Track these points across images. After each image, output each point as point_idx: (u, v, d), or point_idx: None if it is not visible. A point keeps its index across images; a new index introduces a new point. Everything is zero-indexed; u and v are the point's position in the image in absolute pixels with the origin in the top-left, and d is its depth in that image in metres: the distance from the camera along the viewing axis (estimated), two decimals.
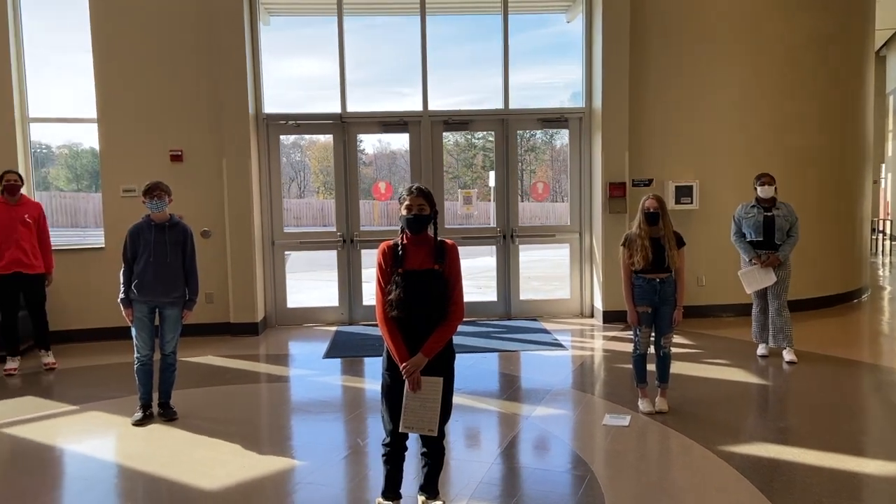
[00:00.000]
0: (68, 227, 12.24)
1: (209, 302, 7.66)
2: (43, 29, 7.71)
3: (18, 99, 7.43)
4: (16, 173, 6.43)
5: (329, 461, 4.20)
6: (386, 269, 3.18)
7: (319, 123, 8.28)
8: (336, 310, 8.37)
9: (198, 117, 7.65)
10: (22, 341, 6.64)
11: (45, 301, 6.54)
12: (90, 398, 5.54)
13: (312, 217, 25.56)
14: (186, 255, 4.98)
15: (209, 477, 3.97)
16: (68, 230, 11.63)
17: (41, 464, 4.29)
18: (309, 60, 9.14)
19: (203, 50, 7.60)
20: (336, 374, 6.25)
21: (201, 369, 6.40)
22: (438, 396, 3.12)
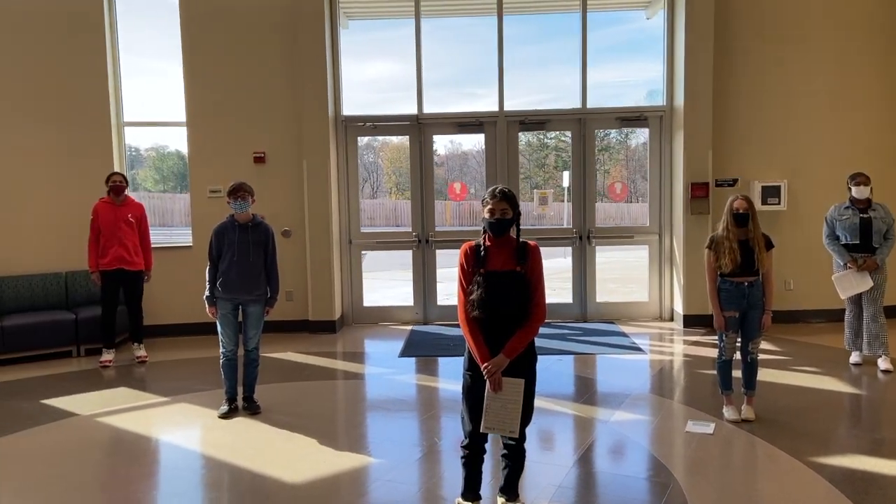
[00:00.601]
0: (156, 226, 12.79)
1: (289, 300, 7.87)
2: (136, 36, 8.09)
3: (114, 104, 7.82)
4: (121, 175, 6.78)
5: (405, 459, 4.23)
6: (468, 270, 3.18)
7: (396, 125, 8.37)
8: (411, 309, 8.44)
9: (280, 120, 7.87)
10: (117, 335, 6.98)
11: (142, 297, 6.86)
12: (179, 391, 5.77)
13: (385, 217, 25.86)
14: (268, 254, 5.12)
15: (292, 470, 4.07)
16: (156, 229, 12.13)
17: (136, 452, 4.50)
18: (384, 63, 9.27)
19: (286, 54, 7.81)
20: (411, 372, 6.30)
21: (282, 365, 6.57)
22: (520, 398, 3.10)
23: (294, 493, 3.78)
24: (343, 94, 8.16)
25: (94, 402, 5.50)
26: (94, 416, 5.14)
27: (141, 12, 8.13)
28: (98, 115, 7.68)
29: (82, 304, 7.47)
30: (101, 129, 7.71)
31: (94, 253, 6.64)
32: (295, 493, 3.78)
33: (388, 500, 3.67)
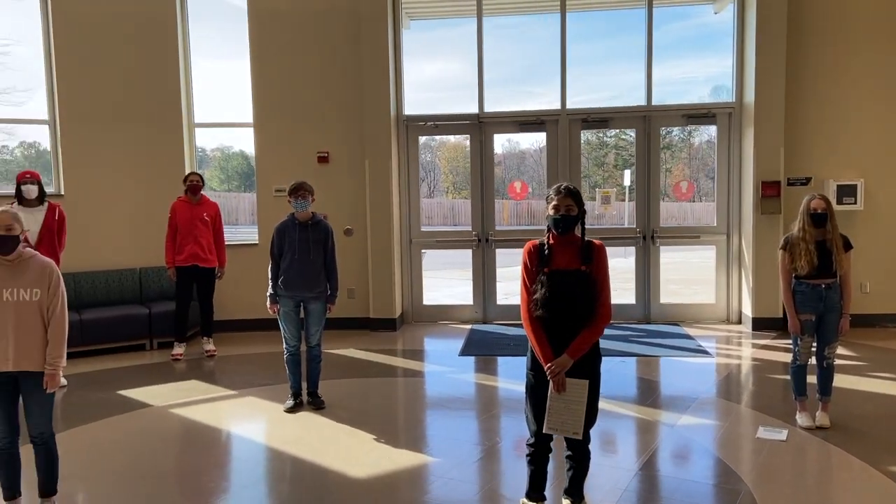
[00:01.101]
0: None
1: (351, 297, 7.98)
2: (204, 37, 8.35)
3: (186, 106, 8.08)
4: (198, 175, 7.01)
5: (466, 458, 4.23)
6: (531, 269, 3.16)
7: (456, 124, 8.38)
8: (470, 308, 8.44)
9: (343, 120, 7.99)
10: (188, 329, 7.21)
11: (213, 293, 7.07)
12: (246, 384, 5.92)
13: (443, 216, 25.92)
14: (328, 251, 5.19)
15: (356, 465, 4.12)
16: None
17: (207, 443, 4.64)
18: (444, 62, 9.30)
19: (349, 55, 7.92)
20: (471, 371, 6.30)
21: (344, 361, 6.66)
22: (584, 399, 3.06)
23: (357, 488, 3.83)
24: (405, 94, 8.22)
25: (167, 393, 5.70)
26: (167, 408, 5.33)
27: (210, 14, 8.38)
28: (171, 116, 7.95)
29: (155, 299, 7.75)
30: (174, 130, 7.97)
31: (170, 249, 6.88)
32: (357, 488, 3.83)
33: (450, 499, 3.68)
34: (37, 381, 3.26)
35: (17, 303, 3.21)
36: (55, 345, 3.28)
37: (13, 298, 3.21)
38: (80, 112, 7.69)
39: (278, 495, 3.86)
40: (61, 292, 3.32)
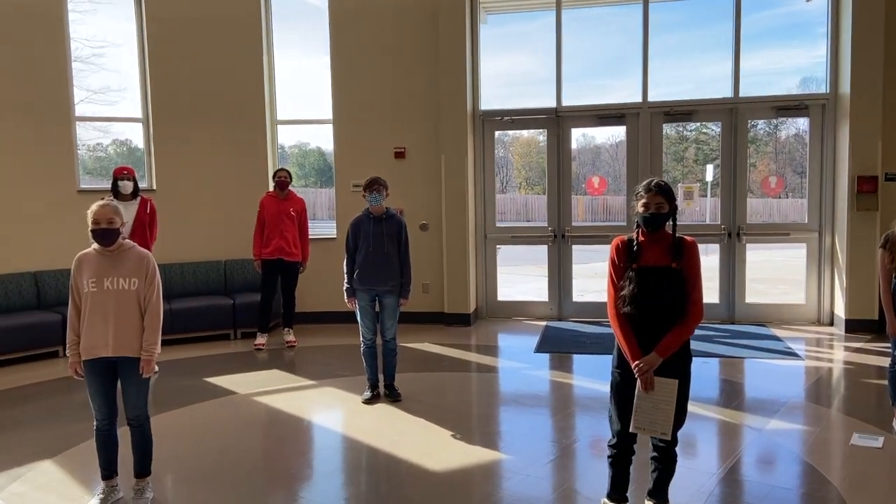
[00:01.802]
0: None
1: (425, 292, 8.03)
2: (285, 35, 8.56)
3: (269, 104, 8.32)
4: (286, 171, 7.22)
5: (542, 456, 4.19)
6: (619, 265, 3.09)
7: (533, 118, 8.31)
8: (545, 305, 8.36)
9: (420, 115, 8.04)
10: (270, 320, 7.43)
11: (297, 286, 7.26)
12: (325, 375, 6.06)
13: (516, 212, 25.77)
14: (401, 245, 5.23)
15: (432, 458, 4.15)
16: None
17: (288, 431, 4.77)
18: (520, 56, 9.22)
19: (426, 50, 7.96)
20: (546, 368, 6.24)
21: (419, 355, 6.72)
22: (673, 399, 2.98)
23: (432, 481, 3.86)
24: (481, 89, 8.21)
25: (250, 382, 5.89)
26: (250, 395, 5.51)
27: (292, 15, 8.59)
28: (255, 114, 8.20)
29: (239, 290, 8.02)
30: (258, 128, 8.22)
31: (258, 242, 7.10)
32: (433, 481, 3.86)
33: (527, 496, 3.65)
34: (134, 367, 3.42)
35: (116, 291, 3.38)
36: (151, 332, 3.43)
37: (113, 287, 3.38)
38: (170, 110, 8.03)
39: (357, 485, 3.93)
40: (157, 282, 3.47)
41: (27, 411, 5.21)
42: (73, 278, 3.43)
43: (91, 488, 3.73)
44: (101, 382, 3.44)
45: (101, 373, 3.42)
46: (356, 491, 3.84)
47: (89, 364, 3.40)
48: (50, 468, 4.06)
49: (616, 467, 3.21)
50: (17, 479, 3.91)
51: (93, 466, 3.80)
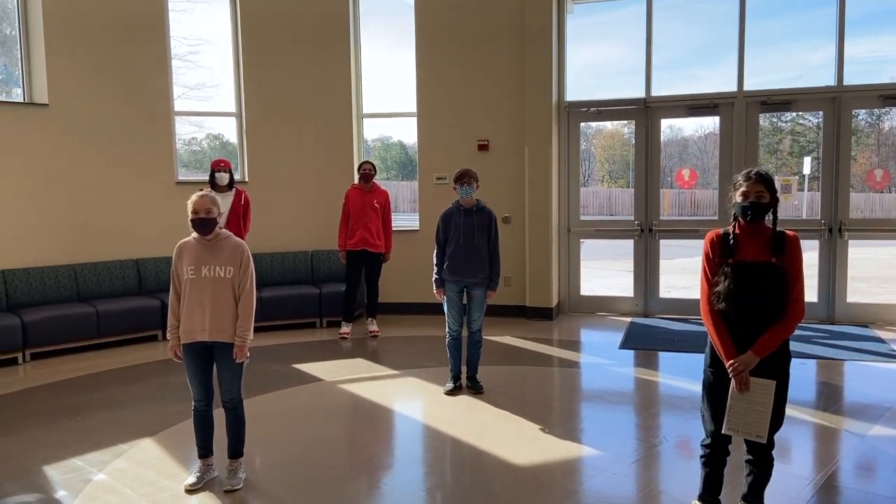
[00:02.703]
0: None
1: (507, 285, 7.99)
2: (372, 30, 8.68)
3: (355, 98, 8.46)
4: (371, 163, 7.34)
5: (627, 454, 4.10)
6: (713, 259, 2.97)
7: (620, 109, 8.11)
8: (630, 300, 8.17)
9: (504, 107, 7.99)
10: (355, 310, 7.58)
11: (380, 276, 7.38)
12: (408, 365, 6.13)
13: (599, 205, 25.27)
14: (491, 237, 5.22)
15: (515, 451, 4.13)
16: None
17: (372, 419, 4.86)
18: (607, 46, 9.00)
19: (512, 42, 7.90)
20: (630, 365, 6.10)
21: (501, 348, 6.70)
22: (769, 400, 2.84)
23: (517, 474, 3.83)
24: (567, 80, 8.08)
25: (336, 369, 6.02)
26: (335, 383, 5.64)
27: (378, 10, 8.70)
28: (341, 108, 8.37)
29: (325, 280, 8.22)
30: (344, 121, 8.39)
31: (343, 234, 7.26)
32: (516, 475, 3.83)
33: (612, 494, 3.58)
34: (228, 351, 3.56)
35: (213, 279, 3.52)
36: (244, 318, 3.56)
37: (210, 275, 3.52)
38: (262, 105, 8.29)
39: (439, 475, 3.96)
40: (251, 271, 3.59)
41: (129, 391, 5.51)
42: (174, 265, 3.60)
43: (188, 466, 3.91)
44: (199, 365, 3.59)
45: (198, 356, 3.58)
46: (439, 481, 3.86)
47: (188, 347, 3.56)
48: (150, 446, 4.28)
49: (709, 467, 3.10)
50: (119, 455, 4.14)
51: (189, 446, 3.98)
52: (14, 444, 4.35)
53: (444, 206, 5.39)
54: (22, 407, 5.13)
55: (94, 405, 5.13)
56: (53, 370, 6.11)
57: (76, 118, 7.37)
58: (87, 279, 7.25)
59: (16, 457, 4.14)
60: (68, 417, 4.85)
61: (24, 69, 7.29)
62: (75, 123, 7.36)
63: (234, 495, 3.57)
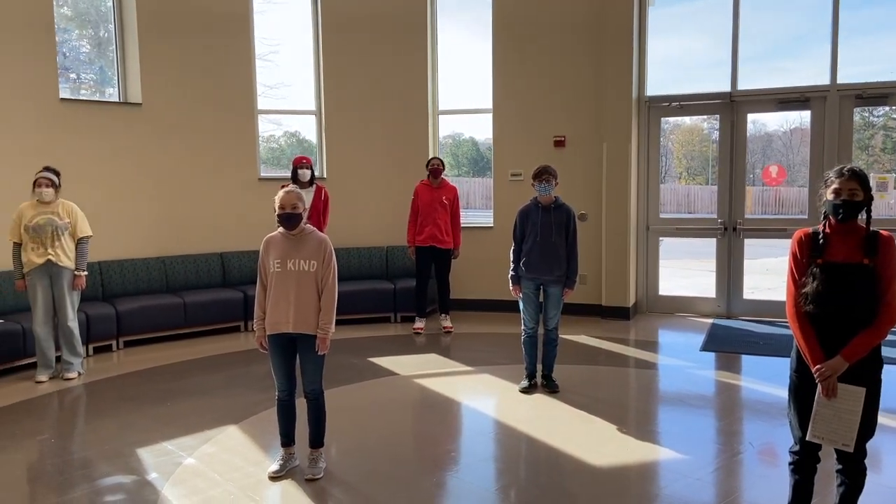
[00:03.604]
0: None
1: (583, 284, 7.85)
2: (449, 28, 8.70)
3: (431, 95, 8.51)
4: (439, 159, 7.39)
5: (708, 459, 3.98)
6: (801, 260, 2.84)
7: (704, 104, 7.86)
8: (712, 301, 7.92)
9: (581, 103, 7.87)
10: (427, 305, 7.64)
11: (450, 272, 7.42)
12: (482, 362, 6.13)
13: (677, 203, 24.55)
14: (569, 235, 5.15)
15: (595, 453, 4.07)
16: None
17: (446, 414, 4.89)
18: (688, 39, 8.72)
19: (591, 36, 7.76)
20: (712, 368, 5.91)
21: (576, 347, 6.61)
22: (858, 408, 2.70)
23: (593, 476, 3.78)
24: (647, 74, 7.89)
25: (410, 364, 6.09)
26: (410, 377, 5.70)
27: (455, 7, 8.72)
28: (418, 104, 8.43)
29: (399, 275, 8.31)
30: (420, 118, 8.45)
31: (412, 230, 7.33)
32: (593, 476, 3.78)
33: (694, 500, 3.48)
34: (311, 343, 3.65)
35: (297, 272, 3.61)
36: (326, 311, 3.64)
37: (295, 268, 3.61)
38: (341, 103, 8.44)
39: (514, 472, 3.95)
40: (333, 265, 3.67)
41: (213, 380, 5.73)
42: (261, 259, 3.71)
43: (270, 454, 4.03)
44: (283, 356, 3.70)
45: (282, 347, 3.68)
46: (513, 479, 3.85)
47: (273, 339, 3.67)
48: (235, 433, 4.44)
49: (798, 475, 2.97)
50: (207, 440, 4.31)
51: (272, 434, 4.12)
52: (110, 427, 4.60)
53: (520, 202, 5.35)
54: (116, 391, 5.41)
55: (181, 391, 5.36)
56: (144, 357, 6.42)
57: (167, 117, 7.70)
58: (175, 271, 7.58)
59: (111, 439, 4.37)
60: (159, 403, 5.09)
61: (119, 70, 7.67)
62: (166, 122, 7.70)
63: (314, 484, 3.66)
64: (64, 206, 5.68)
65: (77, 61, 7.86)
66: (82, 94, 7.67)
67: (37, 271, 5.57)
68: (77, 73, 7.93)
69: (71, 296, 5.70)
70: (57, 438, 4.44)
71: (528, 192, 5.24)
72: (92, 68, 8.09)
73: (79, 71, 7.98)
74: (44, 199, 5.59)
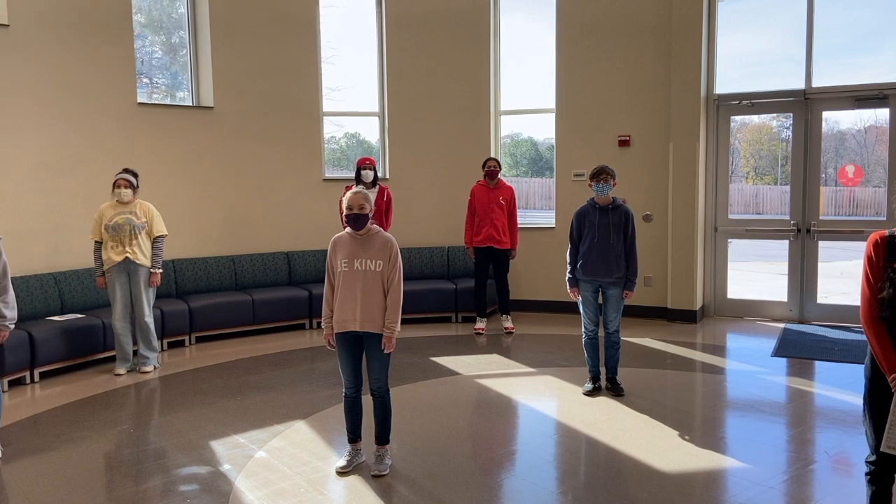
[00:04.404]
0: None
1: (647, 285, 7.75)
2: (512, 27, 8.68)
3: (494, 94, 8.51)
4: (495, 160, 7.39)
5: (780, 468, 3.85)
6: (877, 264, 2.72)
7: (777, 102, 7.60)
8: (784, 305, 7.66)
9: (647, 101, 7.74)
10: (487, 306, 7.64)
11: (508, 272, 7.40)
12: (544, 363, 6.09)
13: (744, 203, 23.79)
14: (627, 236, 5.07)
15: (661, 458, 3.99)
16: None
17: (509, 414, 4.88)
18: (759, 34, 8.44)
19: (658, 31, 7.62)
20: (784, 374, 5.72)
21: (640, 350, 6.50)
22: None
23: (660, 482, 3.71)
24: (716, 71, 7.69)
25: (472, 364, 6.11)
26: (473, 377, 5.71)
27: (519, 5, 8.68)
28: (480, 105, 8.44)
29: (459, 276, 8.34)
30: (482, 119, 8.46)
31: (469, 230, 7.34)
32: (661, 482, 3.70)
33: None
34: (377, 342, 3.70)
35: (364, 272, 3.67)
36: (392, 311, 3.69)
37: (362, 268, 3.67)
38: (404, 104, 8.53)
39: (577, 475, 3.90)
40: (399, 265, 3.71)
41: (280, 375, 5.87)
42: (329, 258, 3.79)
43: (336, 449, 4.11)
44: (350, 354, 3.76)
45: (349, 345, 3.75)
46: (577, 482, 3.81)
47: (340, 337, 3.74)
48: (302, 428, 4.54)
49: (875, 486, 2.85)
50: (276, 435, 4.42)
51: (337, 430, 4.20)
52: (184, 420, 4.77)
53: (582, 202, 5.30)
54: (189, 385, 5.61)
55: (250, 386, 5.52)
56: (215, 353, 6.64)
57: (236, 119, 7.94)
58: (243, 269, 7.80)
59: (186, 431, 4.53)
60: (229, 397, 5.25)
61: (192, 75, 7.95)
62: (236, 124, 7.94)
63: (381, 480, 3.71)
64: (141, 206, 5.92)
65: (150, 66, 8.18)
66: (154, 98, 7.98)
67: (116, 269, 5.82)
68: (149, 77, 8.24)
69: (147, 292, 5.94)
70: (135, 429, 4.64)
71: (591, 192, 5.18)
72: (164, 73, 8.40)
73: (151, 75, 8.29)
74: (122, 200, 5.84)
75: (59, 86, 6.70)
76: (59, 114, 6.72)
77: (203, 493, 3.63)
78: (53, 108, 6.67)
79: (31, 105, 6.52)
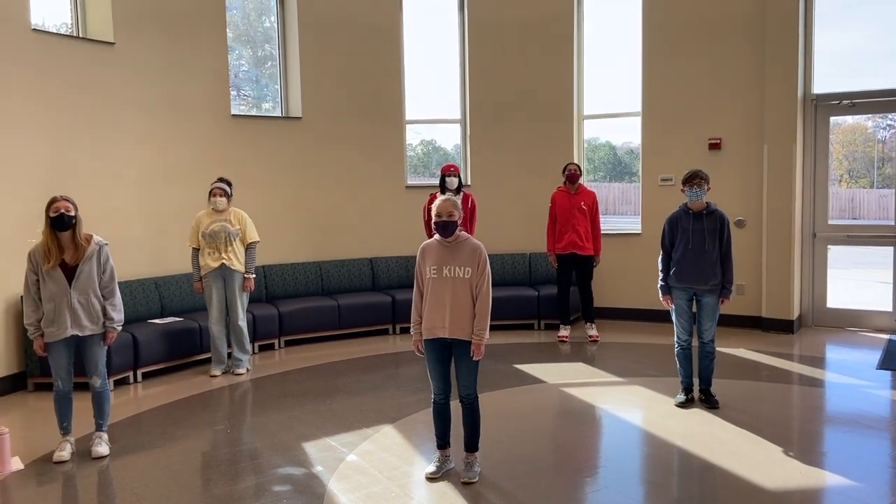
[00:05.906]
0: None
1: (740, 293, 7.44)
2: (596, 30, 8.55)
3: (577, 98, 8.40)
4: (576, 164, 7.30)
5: (887, 487, 3.62)
6: None
7: (881, 101, 7.19)
8: (888, 315, 7.21)
9: (739, 102, 7.46)
10: (571, 313, 7.52)
11: (592, 279, 7.28)
12: (632, 373, 5.95)
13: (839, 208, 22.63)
14: (723, 243, 4.89)
15: (758, 473, 3.82)
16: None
17: (597, 424, 4.80)
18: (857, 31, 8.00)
19: (750, 29, 7.33)
20: (889, 388, 5.38)
21: (734, 361, 6.26)
22: None
23: (758, 498, 3.53)
24: (814, 69, 7.33)
25: (557, 372, 6.02)
26: (558, 385, 5.63)
27: (602, 6, 8.54)
28: (564, 110, 8.35)
29: (542, 282, 8.26)
30: (566, 124, 8.36)
31: (551, 237, 7.25)
32: (759, 498, 3.53)
33: None
34: (466, 348, 3.70)
35: (453, 279, 3.68)
36: (480, 318, 3.68)
37: (450, 275, 3.69)
38: (486, 110, 8.53)
39: (671, 489, 3.78)
40: (487, 272, 3.71)
41: (367, 380, 5.96)
42: (418, 265, 3.82)
43: (425, 455, 4.13)
44: (439, 360, 3.78)
45: (438, 352, 3.77)
46: (671, 496, 3.68)
47: (429, 343, 3.76)
48: (391, 432, 4.60)
49: None
50: (366, 438, 4.49)
51: (425, 435, 4.22)
52: (276, 421, 4.91)
53: (670, 208, 5.16)
54: (280, 388, 5.78)
55: (339, 390, 5.63)
56: (303, 356, 6.81)
57: (323, 129, 8.15)
58: (329, 275, 7.98)
59: (279, 433, 4.66)
60: (319, 400, 5.37)
61: (281, 86, 8.21)
62: (323, 134, 8.15)
63: (470, 487, 3.70)
64: (235, 214, 6.15)
65: (238, 78, 8.50)
66: (241, 109, 8.29)
67: (212, 274, 6.07)
68: (237, 88, 8.56)
69: (241, 297, 6.16)
70: (230, 429, 4.81)
71: (679, 197, 5.03)
72: (253, 86, 8.71)
73: (239, 87, 8.61)
74: (218, 208, 6.09)
75: (161, 100, 7.05)
76: (162, 126, 7.07)
77: (297, 494, 3.72)
78: (156, 121, 7.03)
79: (137, 119, 6.88)
